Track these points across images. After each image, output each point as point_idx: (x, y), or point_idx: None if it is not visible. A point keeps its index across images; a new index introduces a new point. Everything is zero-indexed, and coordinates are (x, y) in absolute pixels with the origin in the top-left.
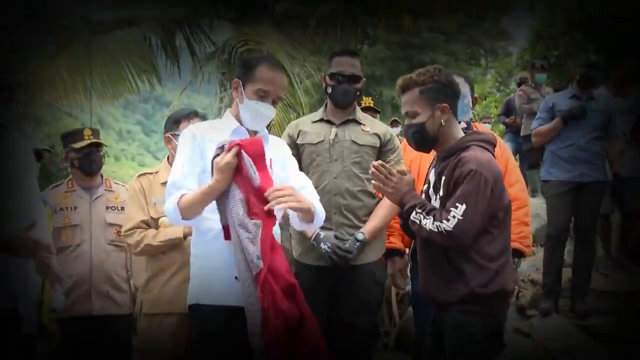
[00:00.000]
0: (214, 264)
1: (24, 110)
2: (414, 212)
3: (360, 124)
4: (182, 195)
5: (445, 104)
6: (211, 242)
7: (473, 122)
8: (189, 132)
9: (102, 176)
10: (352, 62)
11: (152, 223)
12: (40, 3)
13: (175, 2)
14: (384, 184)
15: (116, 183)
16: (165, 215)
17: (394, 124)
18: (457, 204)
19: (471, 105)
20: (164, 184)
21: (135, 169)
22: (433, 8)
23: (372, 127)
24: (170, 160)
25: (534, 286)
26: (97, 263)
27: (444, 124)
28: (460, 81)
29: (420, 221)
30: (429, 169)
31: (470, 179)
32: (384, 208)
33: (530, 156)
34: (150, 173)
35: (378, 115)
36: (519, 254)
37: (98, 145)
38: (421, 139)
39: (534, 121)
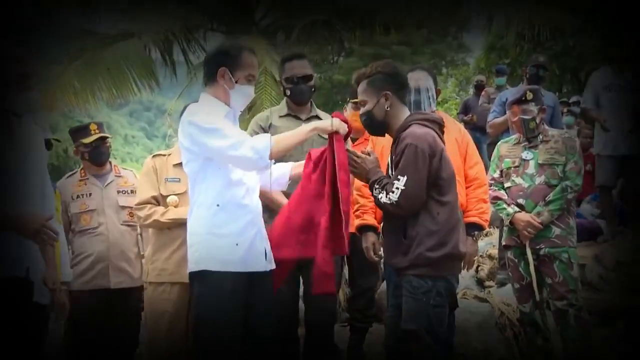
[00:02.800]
0: (220, 233)
1: (39, 116)
2: (373, 188)
3: (321, 119)
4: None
5: (388, 92)
6: (218, 213)
7: (436, 111)
8: (209, 109)
9: (110, 163)
10: (302, 63)
11: (161, 199)
12: (50, 16)
13: (173, 17)
14: (352, 166)
15: (124, 169)
16: (173, 194)
17: None
18: (399, 177)
19: (435, 97)
20: (176, 165)
21: (139, 170)
22: (402, 24)
23: None
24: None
25: (491, 260)
26: (113, 242)
27: (388, 109)
28: (423, 75)
29: (377, 195)
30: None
31: (407, 152)
32: None
33: (490, 149)
34: (164, 155)
35: None
36: (478, 228)
37: (104, 138)
38: (370, 125)
39: (490, 114)
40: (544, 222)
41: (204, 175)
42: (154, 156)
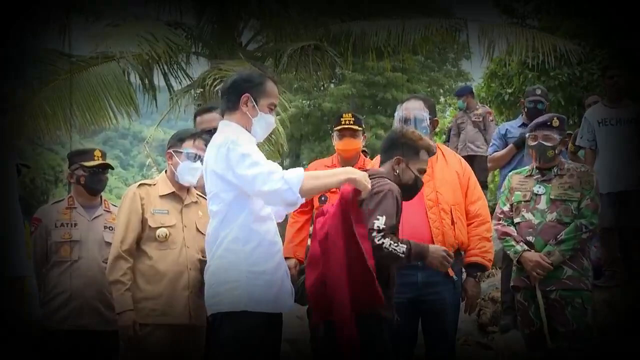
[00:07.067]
0: (258, 271)
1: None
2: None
3: None
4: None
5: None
6: (255, 250)
7: (436, 143)
8: (249, 143)
9: (101, 197)
10: (212, 117)
11: (148, 231)
12: (20, 37)
13: (154, 39)
14: None
15: (113, 205)
16: (162, 226)
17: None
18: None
19: (429, 128)
20: (162, 196)
21: (113, 201)
22: (396, 50)
23: None
24: (168, 174)
25: (494, 304)
26: (91, 278)
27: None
28: (417, 104)
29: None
30: None
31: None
32: None
33: None
34: (149, 184)
35: (362, 133)
36: (481, 268)
37: (105, 167)
38: None
39: (489, 148)
40: (555, 262)
41: (239, 208)
42: (139, 185)
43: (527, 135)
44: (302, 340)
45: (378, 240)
